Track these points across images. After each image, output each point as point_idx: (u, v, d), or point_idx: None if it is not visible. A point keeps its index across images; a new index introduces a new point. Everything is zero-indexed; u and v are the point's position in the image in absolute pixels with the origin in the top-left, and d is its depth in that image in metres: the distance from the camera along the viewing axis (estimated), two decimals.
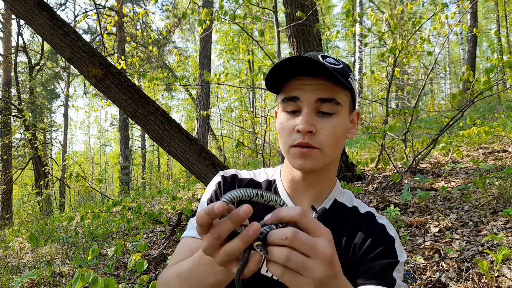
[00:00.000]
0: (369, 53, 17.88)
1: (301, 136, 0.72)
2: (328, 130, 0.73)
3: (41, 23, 2.57)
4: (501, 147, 4.19)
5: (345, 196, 0.87)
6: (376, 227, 0.81)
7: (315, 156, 0.73)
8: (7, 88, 10.96)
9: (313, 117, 0.73)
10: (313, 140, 0.72)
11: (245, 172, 0.91)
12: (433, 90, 22.25)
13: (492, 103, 8.06)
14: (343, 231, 0.81)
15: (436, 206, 2.71)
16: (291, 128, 0.74)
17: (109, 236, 3.98)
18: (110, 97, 2.68)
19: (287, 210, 0.49)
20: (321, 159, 0.75)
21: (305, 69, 0.72)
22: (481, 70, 16.57)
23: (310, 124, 0.72)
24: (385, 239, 0.78)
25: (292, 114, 0.75)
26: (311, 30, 3.73)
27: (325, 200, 0.83)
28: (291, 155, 0.75)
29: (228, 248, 0.48)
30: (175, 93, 19.38)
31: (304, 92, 0.73)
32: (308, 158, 0.73)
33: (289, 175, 0.83)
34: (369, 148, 6.48)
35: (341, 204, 0.85)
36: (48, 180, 9.42)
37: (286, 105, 0.75)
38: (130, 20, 12.00)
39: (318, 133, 0.73)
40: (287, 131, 0.75)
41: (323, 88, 0.73)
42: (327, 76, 0.72)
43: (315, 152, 0.73)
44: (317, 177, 0.81)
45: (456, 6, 5.21)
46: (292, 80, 0.75)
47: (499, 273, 1.68)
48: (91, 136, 29.87)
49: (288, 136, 0.75)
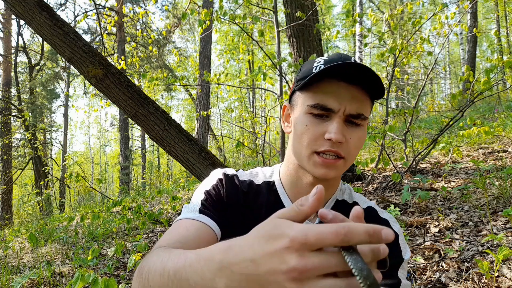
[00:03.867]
0: (369, 53, 17.87)
1: (331, 144, 0.70)
2: (355, 141, 0.72)
3: (41, 23, 2.57)
4: (501, 147, 4.19)
5: (345, 193, 0.86)
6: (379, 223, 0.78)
7: (339, 166, 0.72)
8: (7, 88, 10.96)
9: (344, 127, 0.71)
10: (341, 149, 0.71)
11: (243, 173, 0.88)
12: (433, 90, 22.26)
13: (492, 103, 8.06)
14: None
15: (436, 206, 2.71)
16: (320, 134, 0.71)
17: (109, 236, 3.98)
18: (110, 97, 2.68)
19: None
20: (343, 168, 0.74)
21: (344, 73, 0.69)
22: (481, 70, 16.58)
23: (343, 135, 0.70)
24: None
25: (319, 118, 0.72)
26: (311, 30, 3.73)
27: (328, 202, 0.82)
28: (314, 162, 0.72)
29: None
30: (175, 93, 19.40)
31: (339, 104, 0.69)
32: (333, 168, 0.71)
33: (294, 178, 0.80)
34: (369, 148, 6.48)
35: (342, 202, 0.83)
36: (48, 180, 9.42)
37: (316, 110, 0.71)
38: (130, 20, 12.00)
39: (347, 142, 0.71)
40: (313, 135, 0.71)
41: (357, 100, 0.70)
42: (365, 85, 0.70)
43: (340, 162, 0.72)
44: (327, 183, 0.78)
45: (456, 6, 5.21)
46: (325, 82, 0.71)
47: (499, 273, 1.68)
48: (91, 136, 29.89)
49: (314, 140, 0.71)
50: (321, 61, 0.74)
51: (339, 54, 0.75)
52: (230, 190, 0.81)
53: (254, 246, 0.38)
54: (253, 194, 0.82)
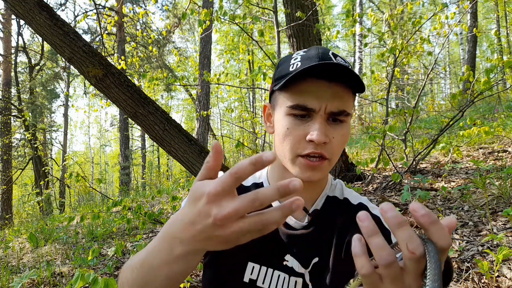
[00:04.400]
0: (369, 53, 17.88)
1: (314, 146, 0.68)
2: (338, 139, 0.70)
3: (41, 23, 2.57)
4: (501, 147, 4.19)
5: (336, 189, 0.84)
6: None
7: (324, 167, 0.70)
8: (7, 88, 10.96)
9: (326, 127, 0.69)
10: (325, 150, 0.69)
11: None
12: (433, 90, 22.26)
13: (492, 103, 8.06)
14: (335, 226, 0.78)
15: (436, 206, 2.71)
16: (302, 136, 0.69)
17: (109, 236, 3.98)
18: (110, 97, 2.68)
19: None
20: (328, 169, 0.72)
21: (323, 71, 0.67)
22: (481, 70, 16.59)
23: (325, 135, 0.67)
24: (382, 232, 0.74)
25: (301, 118, 0.70)
26: (311, 30, 3.73)
27: (317, 200, 0.80)
28: (298, 165, 0.70)
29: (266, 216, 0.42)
30: (175, 93, 19.40)
31: (319, 103, 0.67)
32: (318, 170, 0.70)
33: (280, 179, 0.78)
34: (369, 148, 6.48)
35: (333, 198, 0.82)
36: (48, 180, 9.42)
37: (296, 111, 0.69)
38: (130, 20, 12.00)
39: (330, 143, 0.69)
40: (295, 138, 0.69)
41: (338, 97, 0.68)
42: (345, 82, 0.68)
43: (325, 163, 0.70)
44: (314, 183, 0.77)
45: (456, 6, 5.21)
46: (304, 82, 0.68)
47: (499, 273, 1.68)
48: (91, 136, 29.90)
49: (296, 143, 0.70)
50: (297, 57, 0.71)
51: (317, 48, 0.72)
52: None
53: (186, 211, 0.45)
54: None
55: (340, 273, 0.74)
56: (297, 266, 0.77)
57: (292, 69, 0.70)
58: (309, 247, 0.77)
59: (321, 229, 0.78)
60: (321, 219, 0.79)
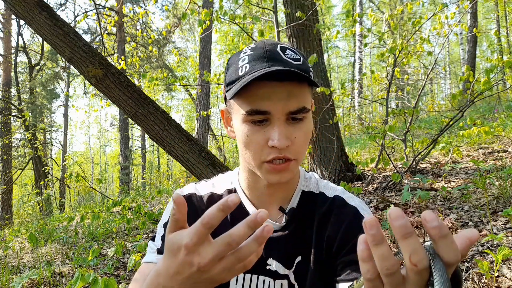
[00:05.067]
0: (369, 53, 17.88)
1: (277, 151, 0.66)
2: (301, 138, 0.68)
3: (41, 23, 2.57)
4: (501, 147, 4.19)
5: (311, 182, 0.82)
6: (347, 211, 0.75)
7: (291, 168, 0.69)
8: (7, 88, 10.96)
9: (286, 128, 0.66)
10: (289, 152, 0.67)
11: (203, 186, 0.83)
12: (433, 90, 22.25)
13: (492, 103, 8.06)
14: (313, 222, 0.76)
15: (436, 206, 2.71)
16: (263, 142, 0.66)
17: (109, 236, 3.98)
18: (110, 97, 2.68)
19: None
20: (296, 168, 0.71)
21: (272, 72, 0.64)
22: (481, 70, 16.57)
23: (287, 137, 0.65)
24: (359, 222, 0.72)
25: (259, 124, 0.66)
26: (311, 30, 3.74)
27: (293, 197, 0.78)
28: (265, 170, 0.68)
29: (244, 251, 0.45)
30: (175, 93, 19.40)
31: (275, 105, 0.64)
32: (285, 172, 0.68)
33: (251, 182, 0.77)
34: (369, 148, 6.49)
35: (308, 193, 0.80)
36: (48, 180, 9.42)
37: (252, 117, 0.66)
38: (130, 20, 12.00)
39: (293, 143, 0.67)
40: (257, 145, 0.67)
41: (293, 95, 0.65)
42: (295, 79, 0.65)
43: (292, 164, 0.68)
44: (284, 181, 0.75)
45: (456, 6, 5.21)
46: (255, 87, 0.64)
47: (499, 273, 1.68)
48: (91, 136, 29.90)
49: (259, 150, 0.67)
50: (245, 58, 0.68)
51: (263, 45, 0.69)
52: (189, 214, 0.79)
53: (169, 263, 0.47)
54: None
55: (322, 270, 0.73)
56: (280, 269, 0.75)
57: (241, 73, 0.67)
58: (290, 247, 0.76)
59: (300, 227, 0.76)
60: (298, 217, 0.77)
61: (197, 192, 0.81)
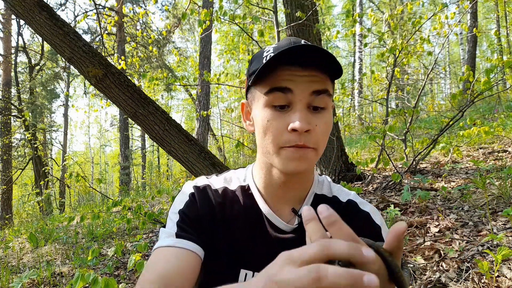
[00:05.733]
0: (369, 53, 17.88)
1: (297, 137, 0.65)
2: (322, 127, 0.67)
3: (41, 23, 2.57)
4: (501, 147, 4.19)
5: (324, 186, 0.81)
6: (360, 216, 0.75)
7: (310, 157, 0.67)
8: (7, 88, 10.96)
9: (308, 114, 0.65)
10: (309, 139, 0.66)
11: (216, 180, 0.82)
12: (433, 90, 22.25)
13: (492, 103, 8.06)
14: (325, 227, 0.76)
15: (436, 206, 2.71)
16: (283, 126, 0.65)
17: (109, 236, 3.98)
18: (110, 97, 2.68)
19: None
20: (314, 159, 0.69)
21: (295, 58, 0.64)
22: (481, 70, 16.57)
23: (308, 122, 0.64)
24: (372, 229, 0.73)
25: (280, 109, 0.66)
26: (311, 30, 3.73)
27: (306, 198, 0.78)
28: (283, 157, 0.67)
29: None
30: (175, 93, 19.39)
31: (296, 84, 0.64)
32: (304, 160, 0.67)
33: (266, 179, 0.76)
34: (369, 148, 6.49)
35: (321, 196, 0.79)
36: (48, 180, 9.42)
37: (273, 98, 0.66)
38: (130, 20, 11.99)
39: (314, 131, 0.66)
40: (276, 130, 0.66)
41: (316, 80, 0.65)
42: (320, 66, 0.65)
43: (311, 152, 0.67)
44: (299, 178, 0.75)
45: (456, 6, 5.21)
46: (279, 70, 0.65)
47: (499, 273, 1.68)
48: (91, 136, 29.92)
49: (279, 136, 0.66)
50: (270, 49, 0.69)
51: (288, 39, 0.70)
52: (204, 204, 0.76)
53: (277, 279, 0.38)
54: (229, 202, 0.77)
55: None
56: None
57: (265, 61, 0.67)
58: None
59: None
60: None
61: (212, 185, 0.80)
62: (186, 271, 0.68)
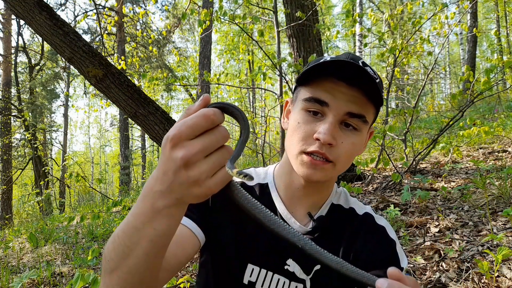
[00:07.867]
0: (369, 53, 17.87)
1: (319, 145, 0.66)
2: (347, 146, 0.67)
3: (41, 23, 2.57)
4: (501, 147, 4.19)
5: (341, 197, 0.83)
6: (376, 230, 0.77)
7: (326, 169, 0.68)
8: (7, 88, 10.96)
9: (336, 129, 0.66)
10: (330, 152, 0.66)
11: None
12: (433, 90, 22.25)
13: (492, 103, 8.06)
14: (343, 235, 0.77)
15: (436, 206, 2.70)
16: (310, 132, 0.67)
17: (109, 236, 3.98)
18: (110, 97, 2.68)
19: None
20: (331, 173, 0.70)
21: (344, 72, 0.65)
22: (481, 70, 16.57)
23: (333, 137, 0.65)
24: (387, 243, 0.75)
25: (313, 115, 0.68)
26: (311, 30, 3.73)
27: (322, 206, 0.79)
28: (301, 161, 0.69)
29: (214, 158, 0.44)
30: (175, 93, 19.39)
31: (335, 100, 0.66)
32: (319, 170, 0.68)
33: (287, 179, 0.78)
34: (369, 148, 6.48)
35: (338, 206, 0.81)
36: (48, 180, 9.42)
37: (310, 105, 0.68)
38: (130, 20, 11.99)
39: (337, 146, 0.67)
40: (303, 134, 0.68)
41: (356, 102, 0.66)
42: (364, 88, 0.66)
43: (328, 165, 0.68)
44: (317, 186, 0.76)
45: (456, 6, 5.21)
46: (324, 79, 0.67)
47: (499, 273, 1.68)
48: (91, 136, 29.90)
49: (303, 139, 0.68)
50: (327, 57, 0.71)
51: (348, 53, 0.71)
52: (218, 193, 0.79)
53: (158, 166, 0.45)
54: None
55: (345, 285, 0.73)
56: (298, 272, 0.75)
57: (315, 64, 0.69)
58: None
59: (326, 237, 0.77)
60: (326, 226, 0.78)
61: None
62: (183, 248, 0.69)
